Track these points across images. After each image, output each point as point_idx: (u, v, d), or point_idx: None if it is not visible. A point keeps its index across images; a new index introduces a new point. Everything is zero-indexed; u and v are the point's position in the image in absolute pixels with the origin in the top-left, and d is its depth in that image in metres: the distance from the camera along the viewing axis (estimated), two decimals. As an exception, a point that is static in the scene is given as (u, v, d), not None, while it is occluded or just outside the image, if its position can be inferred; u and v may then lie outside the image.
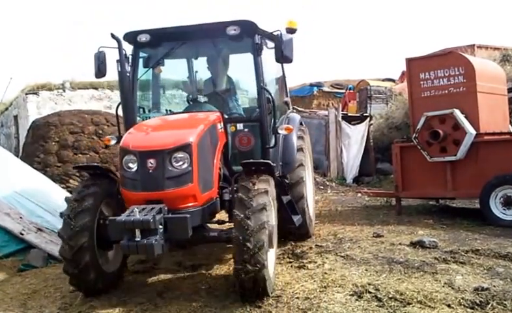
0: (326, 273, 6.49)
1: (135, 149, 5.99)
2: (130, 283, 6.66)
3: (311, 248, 7.96)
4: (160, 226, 5.49)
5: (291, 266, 7.00)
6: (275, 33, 6.94)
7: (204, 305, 5.63)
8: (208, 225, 6.79)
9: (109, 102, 20.64)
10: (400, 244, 7.97)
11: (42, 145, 15.46)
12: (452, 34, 74.24)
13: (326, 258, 7.27)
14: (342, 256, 7.34)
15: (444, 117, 10.04)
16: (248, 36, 7.11)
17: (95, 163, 7.05)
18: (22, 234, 8.26)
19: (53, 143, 15.52)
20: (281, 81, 8.79)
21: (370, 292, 5.66)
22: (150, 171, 5.85)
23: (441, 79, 10.23)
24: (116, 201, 6.38)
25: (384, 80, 26.75)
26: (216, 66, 7.91)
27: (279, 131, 7.41)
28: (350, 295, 5.65)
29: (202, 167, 6.13)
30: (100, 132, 16.06)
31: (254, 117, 7.27)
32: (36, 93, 20.03)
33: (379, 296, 5.52)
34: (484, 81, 10.12)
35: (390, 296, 5.49)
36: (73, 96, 20.32)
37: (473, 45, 21.19)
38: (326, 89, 27.01)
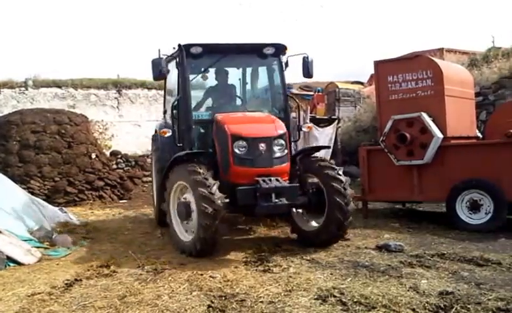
0: (290, 277, 6.42)
1: (248, 136, 7.94)
2: (91, 287, 6.47)
3: (276, 251, 7.93)
4: None
5: (256, 269, 6.92)
6: (303, 56, 9.24)
7: (166, 309, 5.50)
8: None
9: (72, 100, 20.33)
10: (366, 247, 8.00)
11: (2, 145, 15.20)
12: (421, 38, 75.04)
13: (292, 261, 7.22)
14: (307, 260, 7.31)
15: (412, 121, 10.07)
16: (276, 55, 9.40)
17: (201, 151, 8.74)
18: (-21, 236, 7.99)
19: (14, 143, 15.26)
20: None
21: (335, 296, 5.59)
22: (262, 152, 7.87)
23: (409, 83, 10.26)
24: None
25: (352, 83, 26.82)
26: (252, 75, 10.02)
27: (303, 128, 9.59)
28: (314, 299, 5.57)
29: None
30: (63, 131, 15.83)
31: (281, 117, 9.00)
32: (-3, 91, 19.59)
33: (344, 300, 5.46)
34: (452, 85, 10.18)
35: (355, 300, 5.44)
36: (35, 94, 19.94)
37: (442, 48, 21.45)
38: (294, 90, 26.94)
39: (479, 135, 11.31)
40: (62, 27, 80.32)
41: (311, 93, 26.26)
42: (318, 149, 9.42)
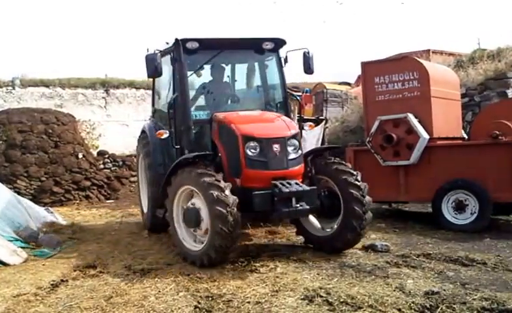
0: (277, 277, 6.43)
1: (261, 137, 7.42)
2: (77, 287, 6.45)
3: (263, 251, 7.92)
4: None
5: (243, 269, 6.92)
6: (303, 51, 8.77)
7: (153, 310, 5.50)
8: None
9: (60, 100, 20.27)
10: (352, 248, 7.96)
11: (-12, 145, 15.08)
12: (408, 39, 75.23)
13: (279, 261, 7.21)
14: (294, 260, 7.30)
15: (398, 121, 10.11)
16: (275, 50, 8.98)
17: (209, 153, 7.95)
18: (-35, 236, 7.95)
19: (1, 142, 15.22)
20: None
21: (321, 296, 5.61)
22: (277, 154, 7.37)
23: (395, 84, 10.29)
24: None
25: (340, 83, 26.83)
26: (250, 72, 9.46)
27: (305, 127, 9.27)
28: (301, 299, 5.59)
29: None
30: (50, 131, 15.77)
31: (282, 114, 8.55)
32: (-17, 90, 19.48)
33: (330, 300, 5.48)
34: (438, 86, 10.22)
35: (341, 300, 5.46)
36: (23, 93, 19.87)
37: (429, 50, 21.50)
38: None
39: (465, 136, 11.37)
40: (50, 26, 79.80)
41: (299, 94, 26.26)
42: (329, 149, 9.12)
